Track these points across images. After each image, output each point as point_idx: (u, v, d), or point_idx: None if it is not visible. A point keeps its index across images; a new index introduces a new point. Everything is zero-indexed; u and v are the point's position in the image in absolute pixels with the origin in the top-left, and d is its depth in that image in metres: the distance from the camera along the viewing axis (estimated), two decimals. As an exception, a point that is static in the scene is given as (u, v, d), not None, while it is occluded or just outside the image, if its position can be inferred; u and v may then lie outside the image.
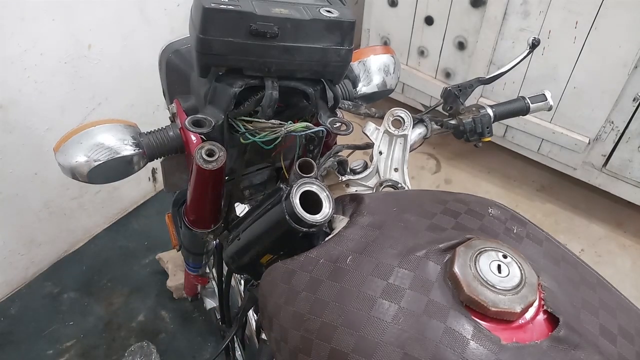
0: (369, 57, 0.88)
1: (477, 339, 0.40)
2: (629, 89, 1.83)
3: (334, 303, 0.45)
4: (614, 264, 2.14)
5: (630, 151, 1.96)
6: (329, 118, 0.67)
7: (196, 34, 0.60)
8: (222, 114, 0.64)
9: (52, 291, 1.89)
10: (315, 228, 0.52)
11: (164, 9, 1.86)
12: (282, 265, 0.52)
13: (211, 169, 0.62)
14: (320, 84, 0.69)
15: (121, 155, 0.69)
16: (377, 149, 0.72)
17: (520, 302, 0.42)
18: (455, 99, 0.86)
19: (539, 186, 2.43)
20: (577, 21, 1.82)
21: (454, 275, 0.44)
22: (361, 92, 0.86)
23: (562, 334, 0.42)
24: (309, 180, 0.54)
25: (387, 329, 0.42)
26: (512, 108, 0.89)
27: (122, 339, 1.76)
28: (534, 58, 1.99)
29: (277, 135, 0.65)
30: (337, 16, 0.62)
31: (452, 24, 2.17)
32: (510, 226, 0.53)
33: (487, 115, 0.85)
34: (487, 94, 2.21)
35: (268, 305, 0.51)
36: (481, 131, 0.84)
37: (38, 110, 1.62)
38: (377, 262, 0.47)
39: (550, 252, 0.52)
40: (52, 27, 1.55)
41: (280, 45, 0.61)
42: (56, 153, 0.70)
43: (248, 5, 0.59)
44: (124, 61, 1.80)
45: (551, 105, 0.91)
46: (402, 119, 0.72)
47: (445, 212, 0.53)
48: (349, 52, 0.65)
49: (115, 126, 0.71)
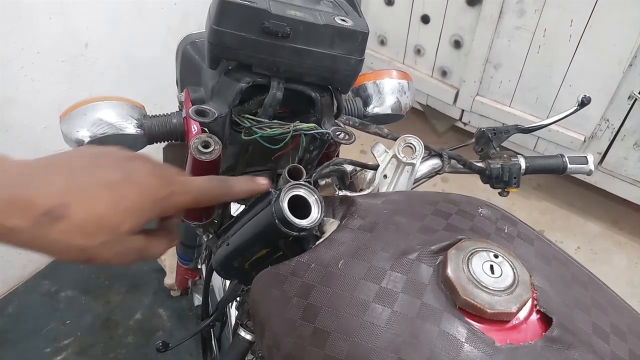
0: (384, 79, 0.88)
1: (471, 342, 0.40)
2: (624, 86, 1.84)
3: (326, 308, 0.45)
4: (609, 262, 2.15)
5: (625, 149, 1.97)
6: (332, 126, 0.67)
7: (210, 25, 0.61)
8: (227, 107, 0.64)
9: (49, 289, 1.89)
10: (305, 232, 0.52)
11: (161, 8, 1.86)
12: (273, 271, 0.51)
13: (204, 161, 0.63)
14: (326, 91, 0.69)
15: (121, 132, 0.71)
16: (381, 171, 0.70)
17: (515, 302, 0.43)
18: (488, 142, 0.83)
19: (535, 184, 2.44)
20: (572, 19, 1.83)
21: (448, 279, 0.44)
22: (372, 112, 0.86)
23: (555, 334, 0.42)
24: (298, 184, 0.54)
25: (380, 333, 0.42)
26: (547, 164, 0.83)
27: (119, 337, 1.77)
28: (530, 56, 2.00)
29: (285, 131, 0.65)
30: (350, 25, 0.62)
31: (448, 23, 2.18)
32: (501, 226, 0.53)
33: (518, 165, 0.81)
34: (483, 92, 2.21)
35: (259, 311, 0.51)
36: (507, 180, 0.81)
37: (35, 108, 1.62)
38: (369, 265, 0.47)
39: (542, 251, 0.52)
40: (49, 26, 1.55)
41: (291, 46, 0.62)
42: (61, 121, 0.72)
43: (264, 3, 0.60)
44: (121, 60, 1.80)
45: (591, 170, 0.84)
46: (413, 147, 0.70)
47: (436, 213, 0.53)
48: (359, 62, 0.65)
49: (121, 104, 0.73)
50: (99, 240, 0.41)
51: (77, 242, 0.40)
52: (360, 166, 0.73)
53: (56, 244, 0.40)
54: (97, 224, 0.41)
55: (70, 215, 0.40)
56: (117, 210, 0.41)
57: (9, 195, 0.38)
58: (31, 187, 0.39)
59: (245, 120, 0.66)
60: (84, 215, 0.40)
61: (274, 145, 0.67)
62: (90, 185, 0.41)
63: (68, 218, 0.40)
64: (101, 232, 0.41)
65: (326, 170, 0.71)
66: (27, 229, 0.39)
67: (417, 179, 0.77)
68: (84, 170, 0.42)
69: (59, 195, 0.40)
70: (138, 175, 0.44)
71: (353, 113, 0.84)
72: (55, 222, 0.39)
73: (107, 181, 0.42)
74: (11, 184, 0.39)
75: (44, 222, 0.39)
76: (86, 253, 0.41)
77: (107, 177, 0.42)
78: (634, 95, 1.83)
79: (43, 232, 0.39)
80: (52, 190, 0.40)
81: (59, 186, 0.40)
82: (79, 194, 0.40)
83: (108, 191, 0.41)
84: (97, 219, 0.41)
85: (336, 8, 0.68)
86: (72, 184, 0.41)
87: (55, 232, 0.39)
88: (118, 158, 0.45)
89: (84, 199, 0.40)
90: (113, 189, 0.42)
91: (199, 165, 0.64)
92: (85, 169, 0.42)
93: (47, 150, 1.72)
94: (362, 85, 0.87)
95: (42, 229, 0.39)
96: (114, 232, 0.42)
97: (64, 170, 0.42)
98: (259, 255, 0.58)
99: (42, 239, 0.40)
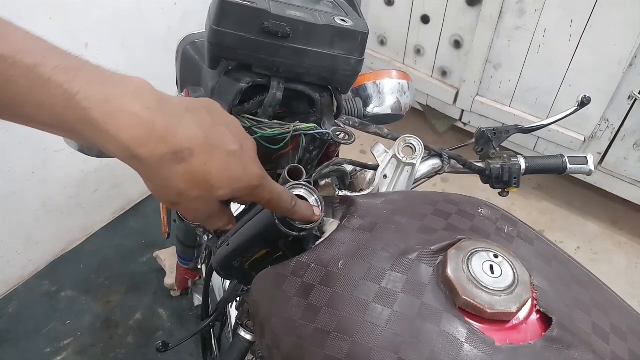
0: (384, 79, 0.88)
1: (471, 342, 0.40)
2: (624, 87, 1.84)
3: (326, 308, 0.45)
4: (609, 262, 2.15)
5: (625, 149, 1.97)
6: (332, 126, 0.67)
7: (210, 25, 0.61)
8: (227, 107, 0.65)
9: (49, 289, 1.89)
10: (305, 232, 0.52)
11: (161, 8, 1.86)
12: (273, 271, 0.51)
13: None
14: (326, 91, 0.69)
15: None
16: (381, 171, 0.70)
17: (515, 302, 0.43)
18: (488, 142, 0.83)
19: (535, 184, 2.44)
20: (572, 19, 1.83)
21: (448, 279, 0.44)
22: (372, 112, 0.87)
23: (555, 334, 0.42)
24: (298, 184, 0.54)
25: (380, 333, 0.42)
26: (547, 164, 0.83)
27: (119, 337, 1.77)
28: (530, 56, 2.00)
29: (285, 131, 0.65)
30: (350, 26, 0.63)
31: (448, 23, 2.18)
32: (501, 226, 0.53)
33: (518, 165, 0.81)
34: (483, 92, 2.21)
35: (259, 311, 0.51)
36: (507, 180, 0.81)
37: (35, 109, 1.62)
38: (369, 265, 0.47)
39: (542, 252, 0.52)
40: (49, 26, 1.55)
41: (291, 46, 0.62)
42: None
43: (264, 3, 0.60)
44: (120, 60, 1.80)
45: (591, 170, 0.84)
46: (413, 147, 0.70)
47: (435, 213, 0.53)
48: (358, 62, 0.65)
49: None
50: (197, 192, 0.44)
51: (181, 187, 0.43)
52: (360, 166, 0.73)
53: (163, 180, 0.42)
54: (204, 179, 0.43)
55: (191, 161, 0.42)
56: (224, 176, 0.44)
57: (149, 123, 0.40)
58: (171, 123, 0.41)
59: (245, 120, 0.66)
60: (200, 168, 0.42)
61: (274, 145, 0.67)
62: (216, 145, 0.44)
63: (187, 163, 0.42)
64: (203, 186, 0.44)
65: (326, 170, 0.71)
66: (150, 160, 0.40)
67: (417, 179, 0.77)
68: (215, 130, 0.44)
69: (190, 141, 0.42)
70: (248, 156, 0.47)
71: (353, 113, 0.85)
72: (175, 163, 0.41)
73: (228, 149, 0.44)
74: (152, 112, 0.40)
75: (167, 159, 0.41)
76: (180, 198, 0.44)
77: (229, 145, 0.45)
78: (634, 95, 1.83)
79: (160, 167, 0.41)
80: (187, 133, 0.42)
81: (193, 133, 0.42)
82: (205, 147, 0.43)
83: (225, 157, 0.44)
84: (207, 175, 0.43)
85: (336, 8, 0.68)
86: (204, 136, 0.43)
87: (170, 170, 0.42)
88: (240, 133, 0.48)
89: (207, 153, 0.43)
90: (229, 157, 0.44)
91: None
92: (217, 129, 0.45)
93: (47, 150, 1.72)
94: (362, 85, 0.87)
95: (161, 164, 0.41)
96: (211, 192, 0.44)
97: (201, 122, 0.44)
98: (259, 256, 0.58)
99: (154, 171, 0.41)
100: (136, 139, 0.39)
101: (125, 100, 0.40)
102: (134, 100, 0.40)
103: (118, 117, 0.39)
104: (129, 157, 0.40)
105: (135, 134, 0.39)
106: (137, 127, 0.40)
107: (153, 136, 0.40)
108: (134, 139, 0.39)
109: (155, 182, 0.43)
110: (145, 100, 0.41)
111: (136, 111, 0.40)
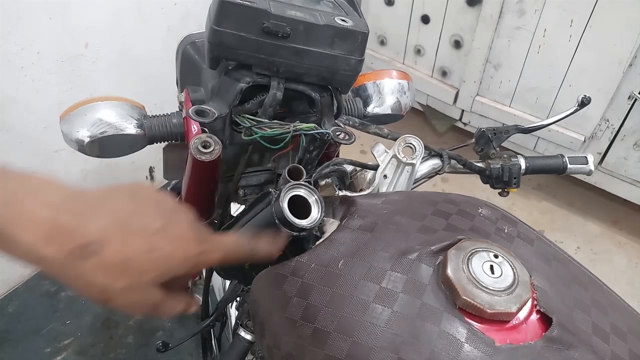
0: (384, 79, 0.88)
1: (471, 342, 0.40)
2: (624, 87, 1.84)
3: (326, 308, 0.45)
4: (609, 262, 2.15)
5: (625, 149, 1.97)
6: (332, 126, 0.67)
7: (210, 25, 0.61)
8: (227, 108, 0.65)
9: (49, 289, 1.89)
10: (305, 232, 0.52)
11: (161, 8, 1.86)
12: (273, 271, 0.51)
13: (204, 161, 0.63)
14: (326, 91, 0.69)
15: (121, 133, 0.71)
16: (381, 171, 0.70)
17: (515, 302, 0.43)
18: (488, 142, 0.83)
19: (535, 184, 2.44)
20: (572, 19, 1.83)
21: (448, 279, 0.44)
22: (372, 112, 0.86)
23: (555, 334, 0.42)
24: (298, 184, 0.54)
25: (380, 333, 0.42)
26: (547, 164, 0.83)
27: (119, 337, 1.77)
28: (530, 56, 2.00)
29: (285, 131, 0.65)
30: (350, 25, 0.63)
31: (448, 23, 2.18)
32: (501, 226, 0.53)
33: (518, 165, 0.81)
34: (483, 92, 2.21)
35: (259, 311, 0.51)
36: (507, 180, 0.81)
37: (35, 108, 1.62)
38: (369, 265, 0.47)
39: (542, 252, 0.52)
40: (49, 26, 1.55)
41: (291, 46, 0.62)
42: (61, 121, 0.72)
43: (264, 3, 0.60)
44: (121, 60, 1.80)
45: (591, 170, 0.84)
46: (413, 147, 0.70)
47: (436, 213, 0.53)
48: (359, 62, 0.65)
49: (121, 104, 0.73)
50: (122, 283, 0.41)
51: (101, 281, 0.40)
52: (360, 166, 0.73)
53: (80, 278, 0.40)
54: (124, 266, 0.40)
55: (103, 253, 0.40)
56: (147, 257, 0.41)
57: (52, 220, 0.38)
58: (79, 218, 0.39)
59: (245, 120, 0.66)
60: (115, 257, 0.40)
61: (274, 145, 0.67)
62: (130, 230, 0.41)
63: (99, 256, 0.39)
64: (125, 275, 0.41)
65: (326, 170, 0.71)
66: (59, 259, 0.38)
67: (417, 179, 0.77)
68: (129, 214, 0.42)
69: (99, 232, 0.40)
70: (177, 229, 0.44)
71: (353, 113, 0.85)
72: (86, 257, 0.39)
73: (150, 228, 0.42)
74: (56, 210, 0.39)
75: (76, 256, 0.39)
76: (105, 294, 0.41)
77: (152, 224, 0.42)
78: (634, 95, 1.83)
79: (71, 264, 0.39)
80: (97, 225, 0.40)
81: (100, 223, 0.40)
82: (119, 235, 0.40)
83: (145, 238, 0.41)
84: (126, 261, 0.41)
85: (336, 8, 0.68)
86: (118, 223, 0.41)
87: (83, 267, 0.39)
88: (164, 208, 0.45)
89: (122, 240, 0.41)
90: (153, 237, 0.42)
91: (199, 165, 0.64)
92: (130, 212, 0.42)
93: (47, 150, 1.72)
94: (362, 85, 0.87)
95: (72, 261, 0.39)
96: (138, 278, 0.42)
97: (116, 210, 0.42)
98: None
99: (67, 270, 0.39)
100: (40, 240, 0.38)
101: (27, 200, 0.38)
102: (36, 200, 0.38)
103: (20, 220, 0.37)
104: (36, 259, 0.38)
105: (38, 234, 0.38)
106: (40, 226, 0.38)
107: (58, 234, 0.38)
108: (37, 240, 0.38)
109: (74, 282, 0.41)
110: (48, 198, 0.39)
111: (38, 210, 0.38)
